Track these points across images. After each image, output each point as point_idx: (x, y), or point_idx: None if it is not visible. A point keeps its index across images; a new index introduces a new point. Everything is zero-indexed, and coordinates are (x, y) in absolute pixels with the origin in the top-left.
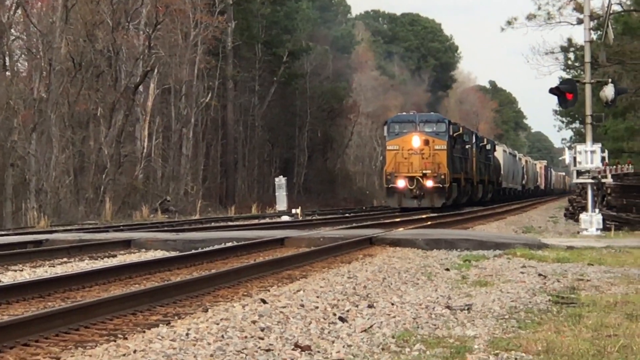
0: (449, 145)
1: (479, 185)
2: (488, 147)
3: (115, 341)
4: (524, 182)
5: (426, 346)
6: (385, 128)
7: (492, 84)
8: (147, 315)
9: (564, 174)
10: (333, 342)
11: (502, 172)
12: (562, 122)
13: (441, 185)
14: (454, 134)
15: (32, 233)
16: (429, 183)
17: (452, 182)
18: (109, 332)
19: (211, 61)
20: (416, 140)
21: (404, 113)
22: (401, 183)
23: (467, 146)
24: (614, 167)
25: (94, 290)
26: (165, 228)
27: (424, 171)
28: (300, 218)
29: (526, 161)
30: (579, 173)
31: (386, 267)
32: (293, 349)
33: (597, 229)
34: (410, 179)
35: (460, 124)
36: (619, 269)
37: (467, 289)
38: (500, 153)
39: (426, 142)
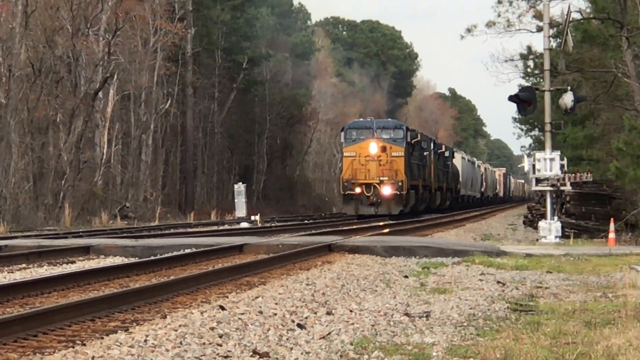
0: (407, 151)
1: (437, 193)
2: (446, 154)
3: (73, 347)
4: (482, 189)
5: (384, 353)
6: (343, 134)
7: (452, 91)
8: (106, 322)
9: (523, 181)
10: (291, 349)
11: (460, 179)
12: (522, 129)
13: (399, 193)
14: (412, 141)
15: None
16: (386, 190)
17: (410, 189)
18: (68, 338)
19: (171, 68)
20: (373, 147)
21: (362, 119)
22: (358, 190)
23: (425, 153)
24: (573, 174)
25: (52, 297)
26: (125, 234)
27: (381, 178)
28: (259, 225)
29: (485, 168)
30: (538, 180)
31: (345, 274)
32: (251, 356)
33: (556, 237)
34: (367, 186)
35: (418, 130)
36: (577, 276)
37: (425, 296)
38: (458, 160)
39: (383, 149)
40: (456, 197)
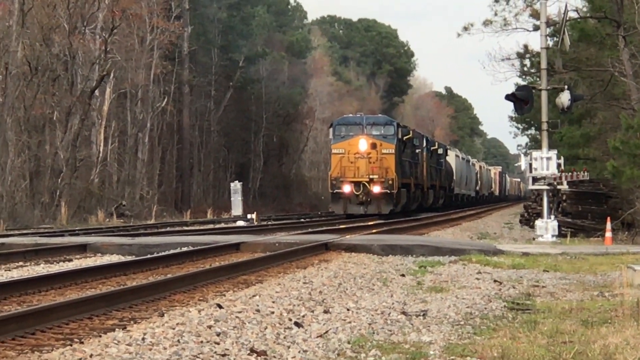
0: (398, 149)
1: (429, 191)
2: (440, 151)
3: (71, 345)
4: (477, 187)
5: (382, 352)
6: (331, 130)
7: (448, 90)
8: (103, 320)
9: (519, 180)
10: (289, 347)
11: (454, 177)
12: (518, 128)
13: (389, 191)
14: (403, 137)
15: None
16: (376, 189)
17: (401, 188)
18: (65, 336)
19: (167, 66)
20: (363, 144)
21: (351, 115)
22: (347, 188)
23: (417, 150)
24: (570, 173)
25: (50, 295)
26: (121, 232)
27: (371, 176)
28: (256, 223)
29: (480, 167)
30: (535, 179)
31: (342, 273)
32: (249, 354)
33: (553, 236)
34: (357, 184)
35: (410, 127)
36: (574, 275)
37: (422, 295)
38: (452, 158)
39: (373, 146)
40: (450, 195)
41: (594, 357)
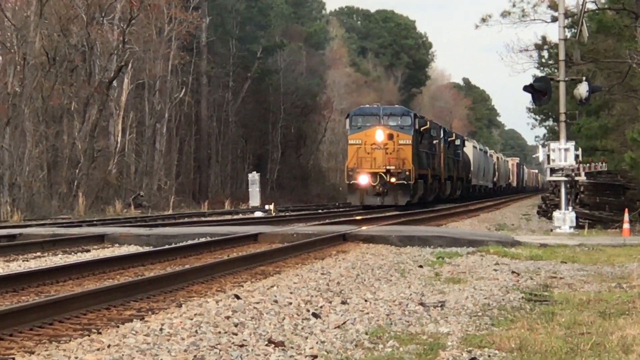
0: (415, 139)
1: (447, 182)
2: (457, 142)
3: (89, 336)
4: (495, 179)
5: (399, 343)
6: (348, 121)
7: (466, 81)
8: (121, 310)
9: (536, 171)
10: (306, 338)
11: (472, 168)
12: (536, 119)
13: (406, 182)
14: (420, 128)
15: (6, 227)
16: (393, 179)
17: (418, 179)
18: (83, 326)
19: (185, 57)
20: (380, 135)
21: (368, 105)
22: (363, 179)
23: (434, 141)
24: (588, 165)
25: (67, 285)
26: (139, 223)
27: (388, 167)
28: (274, 214)
29: (498, 158)
30: (553, 171)
31: (360, 264)
32: (267, 345)
33: (570, 227)
34: (373, 175)
35: (427, 118)
36: (592, 266)
37: (440, 286)
38: (470, 149)
39: (390, 137)
40: (467, 187)
41: (612, 349)
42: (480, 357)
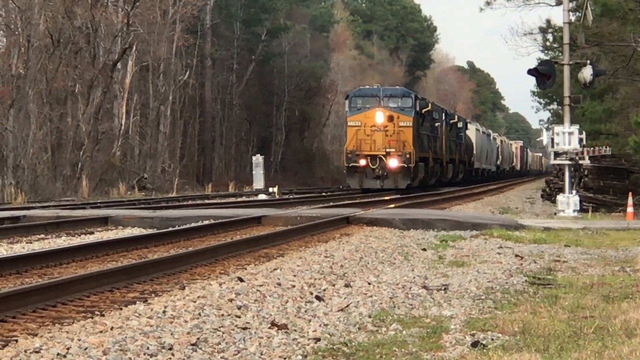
0: (416, 121)
1: (448, 165)
2: (459, 125)
3: (92, 318)
4: (498, 162)
5: (403, 326)
6: (347, 102)
7: (470, 64)
8: (124, 293)
9: (540, 154)
10: (310, 321)
11: (474, 151)
12: (540, 103)
13: (406, 165)
14: (422, 110)
15: (9, 209)
16: (393, 162)
17: (419, 162)
18: (86, 308)
19: (189, 39)
20: (379, 116)
21: (368, 86)
22: (363, 162)
23: (436, 123)
24: (592, 148)
25: (71, 267)
26: (142, 205)
27: (388, 149)
28: (277, 197)
29: (501, 141)
30: (557, 154)
31: (363, 247)
32: (270, 328)
33: (574, 211)
34: (373, 157)
35: (428, 99)
36: (595, 250)
37: (443, 269)
38: (472, 131)
39: (390, 118)
40: (470, 170)
41: (615, 332)
42: (483, 340)
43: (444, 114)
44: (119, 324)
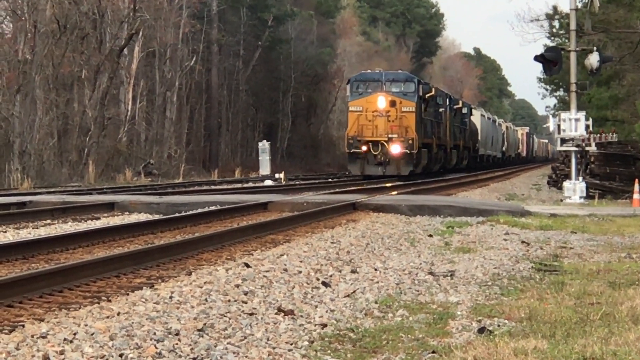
0: (419, 106)
1: (452, 152)
2: (464, 110)
3: (99, 303)
4: (504, 148)
5: (409, 312)
6: (348, 87)
7: (477, 50)
8: (131, 278)
9: (546, 141)
10: (316, 306)
11: (479, 137)
12: (547, 89)
13: (409, 151)
14: (425, 95)
15: (16, 195)
16: (395, 148)
17: (422, 148)
18: (93, 294)
19: (196, 25)
20: (381, 101)
21: (369, 71)
22: (364, 148)
23: (440, 109)
24: (598, 135)
25: (77, 253)
26: (149, 191)
27: (390, 135)
28: (284, 183)
29: (507, 127)
30: (563, 141)
31: (369, 233)
32: (276, 313)
33: (581, 197)
34: (375, 143)
35: (432, 84)
36: (602, 237)
37: (450, 256)
38: (477, 117)
39: (392, 103)
40: (475, 156)
41: (621, 319)
42: (489, 326)
43: (447, 100)
44: (126, 310)
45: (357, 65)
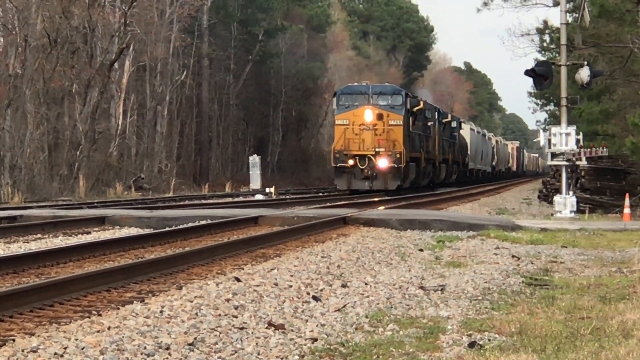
0: (406, 120)
1: (441, 166)
2: (453, 124)
3: (89, 317)
4: (494, 163)
5: (399, 326)
6: (335, 100)
7: (467, 65)
8: (122, 292)
9: (537, 155)
10: (307, 321)
11: (469, 151)
12: (537, 104)
13: (396, 166)
14: (413, 108)
15: (6, 209)
16: (383, 162)
17: (410, 162)
18: (83, 308)
19: (187, 39)
20: (368, 115)
21: (356, 83)
22: (351, 162)
23: (428, 122)
24: (589, 149)
25: (68, 267)
26: (139, 205)
27: (377, 149)
28: (274, 197)
29: (497, 141)
30: (554, 155)
31: (360, 247)
32: (267, 328)
33: (571, 212)
34: (361, 157)
35: (420, 97)
36: (592, 251)
37: (440, 270)
38: (467, 131)
39: (380, 117)
40: (464, 170)
41: (612, 333)
42: (480, 341)
43: (436, 113)
44: (116, 324)
45: (348, 79)
